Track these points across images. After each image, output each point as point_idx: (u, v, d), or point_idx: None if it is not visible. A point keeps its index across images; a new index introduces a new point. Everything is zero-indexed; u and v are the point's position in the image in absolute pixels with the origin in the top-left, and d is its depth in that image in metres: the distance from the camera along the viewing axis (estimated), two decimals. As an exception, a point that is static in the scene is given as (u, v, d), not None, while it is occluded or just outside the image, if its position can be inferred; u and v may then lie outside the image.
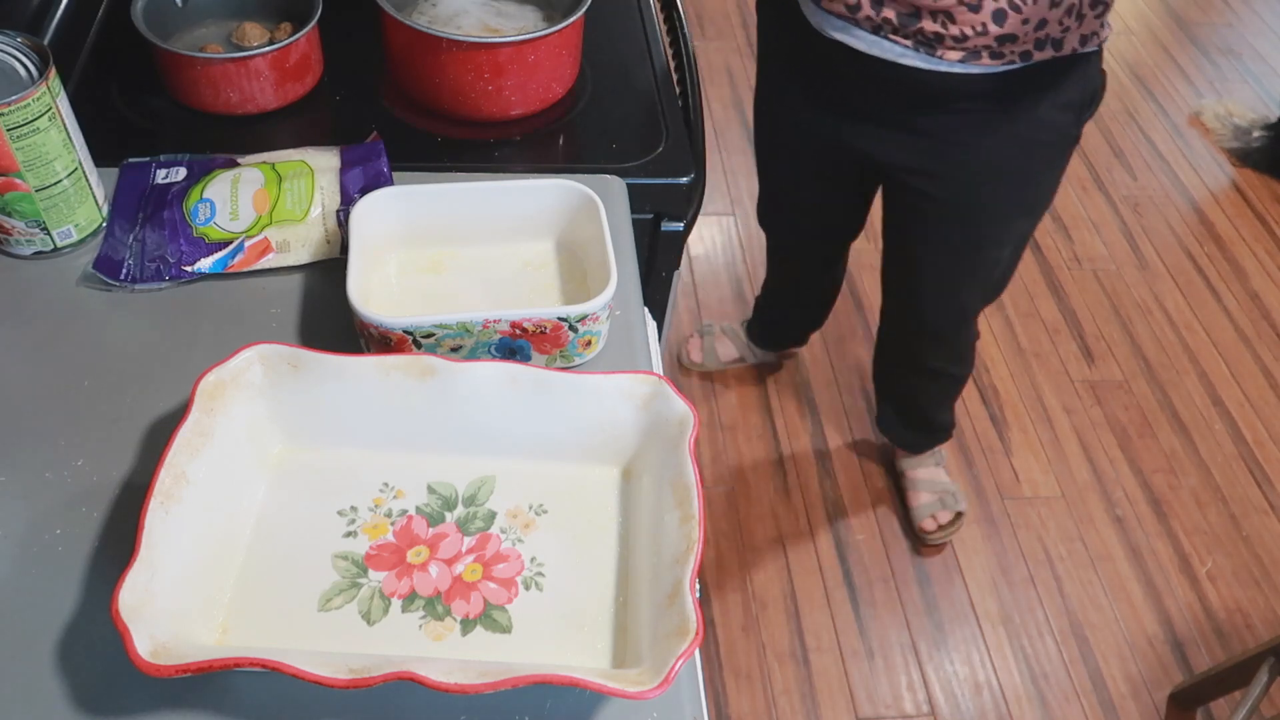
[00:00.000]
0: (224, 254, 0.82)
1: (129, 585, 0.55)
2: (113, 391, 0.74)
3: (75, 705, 0.59)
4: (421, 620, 0.63)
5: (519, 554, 0.67)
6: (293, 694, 0.59)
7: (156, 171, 0.89)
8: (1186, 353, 2.17)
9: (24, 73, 0.77)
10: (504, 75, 0.98)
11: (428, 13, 1.05)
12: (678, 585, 0.58)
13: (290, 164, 0.87)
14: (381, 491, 0.69)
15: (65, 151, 0.79)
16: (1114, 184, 2.56)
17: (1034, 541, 1.82)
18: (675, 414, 0.67)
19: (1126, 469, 1.94)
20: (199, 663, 0.53)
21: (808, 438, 1.94)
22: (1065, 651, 1.68)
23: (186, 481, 0.62)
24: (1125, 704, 1.62)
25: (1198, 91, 2.88)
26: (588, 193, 0.81)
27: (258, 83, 0.98)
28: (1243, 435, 2.02)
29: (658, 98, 1.08)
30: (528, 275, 0.83)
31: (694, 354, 2.02)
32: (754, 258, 2.26)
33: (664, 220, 1.04)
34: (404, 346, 0.72)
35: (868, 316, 2.15)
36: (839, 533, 1.80)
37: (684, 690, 0.63)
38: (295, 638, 0.61)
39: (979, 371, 2.08)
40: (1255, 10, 3.23)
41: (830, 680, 1.62)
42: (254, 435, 0.68)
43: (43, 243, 0.82)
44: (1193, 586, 1.78)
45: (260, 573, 0.64)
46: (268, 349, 0.67)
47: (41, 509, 0.67)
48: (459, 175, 0.90)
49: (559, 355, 0.77)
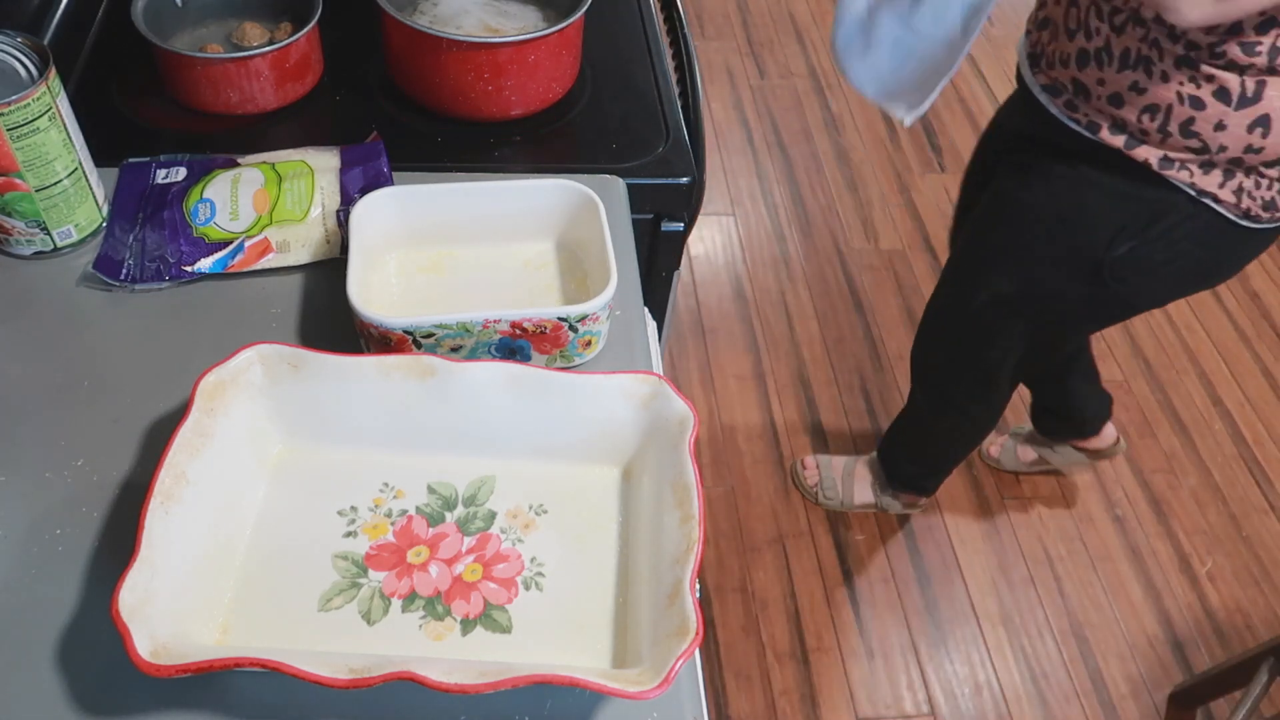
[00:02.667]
0: (224, 254, 0.82)
1: (129, 585, 0.55)
2: (113, 391, 0.74)
3: (75, 705, 0.59)
4: (421, 620, 0.63)
5: (519, 554, 0.67)
6: (293, 694, 0.59)
7: (156, 171, 0.89)
8: (1186, 353, 2.17)
9: (24, 73, 0.77)
10: (504, 75, 0.98)
11: (428, 13, 1.05)
12: (678, 585, 0.58)
13: (290, 164, 0.87)
14: (381, 491, 0.69)
15: (65, 151, 0.79)
16: (1114, 184, 2.56)
17: (1034, 541, 1.82)
18: (675, 414, 0.67)
19: (1126, 469, 1.94)
20: (199, 663, 0.53)
21: (807, 438, 1.93)
22: (1065, 651, 1.68)
23: (186, 481, 0.62)
24: (1125, 704, 1.62)
25: (1198, 91, 2.88)
26: (588, 193, 0.81)
27: (258, 83, 0.98)
28: (1243, 435, 2.02)
29: (658, 98, 1.08)
30: (528, 275, 0.83)
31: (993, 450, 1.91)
32: (754, 258, 2.26)
33: (664, 220, 1.04)
34: (404, 346, 0.72)
35: (868, 316, 2.15)
36: (839, 533, 1.80)
37: (684, 690, 0.63)
38: (295, 638, 0.61)
39: (979, 371, 2.07)
40: (1255, 10, 3.23)
41: (830, 680, 1.62)
42: (254, 435, 0.68)
43: (43, 243, 0.82)
44: (1193, 586, 1.78)
45: (260, 573, 0.64)
46: (268, 349, 0.67)
47: (41, 509, 0.67)
48: (459, 175, 0.90)
49: (559, 355, 0.77)
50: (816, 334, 2.11)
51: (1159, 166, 1.01)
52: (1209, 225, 1.04)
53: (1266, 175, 1.00)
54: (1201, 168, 1.00)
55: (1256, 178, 1.00)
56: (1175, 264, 1.10)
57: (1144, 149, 1.01)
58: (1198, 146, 0.97)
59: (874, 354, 2.09)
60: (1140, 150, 1.01)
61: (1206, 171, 1.00)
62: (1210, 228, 1.04)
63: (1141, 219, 1.06)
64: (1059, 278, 1.17)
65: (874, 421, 1.97)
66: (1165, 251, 1.08)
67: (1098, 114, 1.02)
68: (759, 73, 2.76)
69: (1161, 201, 1.04)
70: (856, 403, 1.99)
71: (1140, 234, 1.07)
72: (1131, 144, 1.01)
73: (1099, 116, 1.02)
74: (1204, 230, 1.05)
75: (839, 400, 2.00)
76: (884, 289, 2.22)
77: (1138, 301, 1.21)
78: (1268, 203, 1.02)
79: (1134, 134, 1.00)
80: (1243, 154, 0.97)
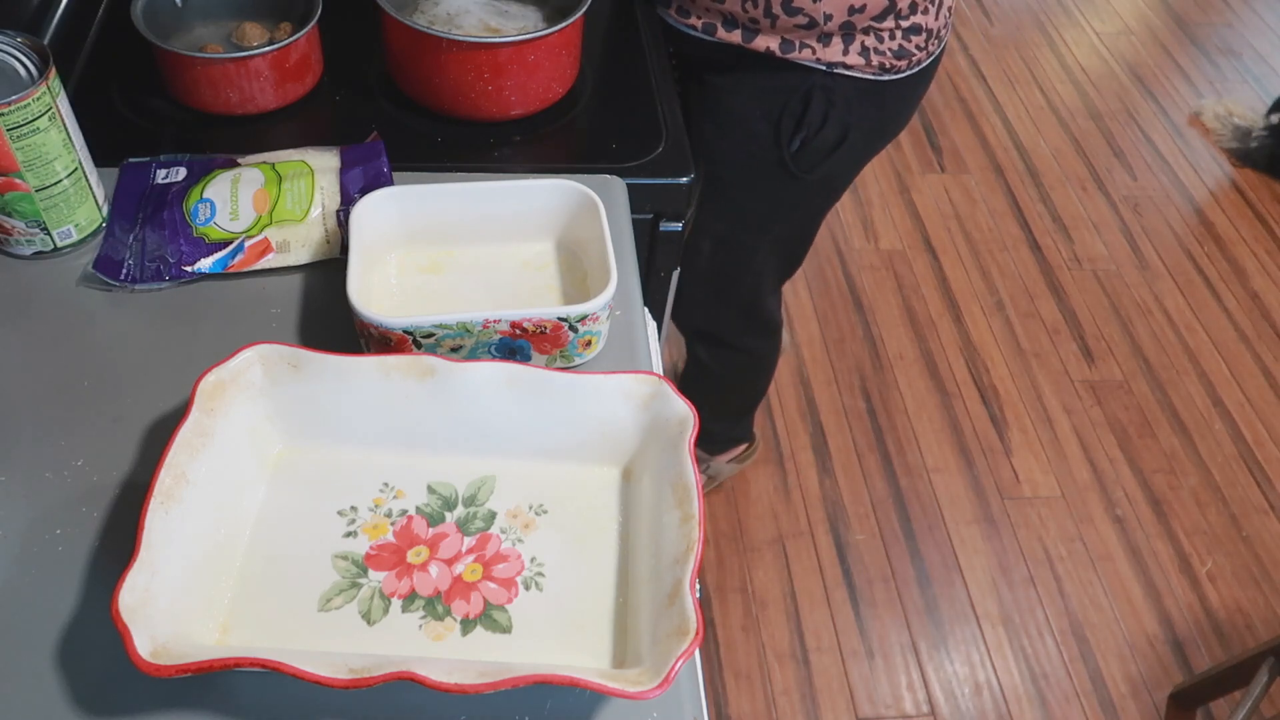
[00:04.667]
0: (224, 254, 0.82)
1: (129, 585, 0.55)
2: (113, 391, 0.74)
3: (75, 705, 0.59)
4: (421, 620, 0.63)
5: (519, 554, 0.67)
6: (293, 694, 0.59)
7: (156, 171, 0.89)
8: (1186, 353, 2.17)
9: (24, 73, 0.77)
10: (504, 75, 0.98)
11: (428, 12, 1.05)
12: (678, 585, 0.58)
13: (290, 164, 0.87)
14: (381, 491, 0.69)
15: (65, 151, 0.79)
16: (1114, 184, 2.56)
17: (1034, 541, 1.82)
18: (675, 414, 0.67)
19: (1126, 469, 1.94)
20: (199, 663, 0.53)
21: (808, 438, 1.94)
22: (1065, 651, 1.68)
23: (186, 481, 0.62)
24: (1125, 704, 1.62)
25: (1198, 91, 2.88)
26: (588, 193, 0.81)
27: (258, 83, 0.98)
28: (1243, 435, 2.02)
29: (658, 98, 1.08)
30: (528, 275, 0.83)
31: None
32: (754, 258, 2.26)
33: (664, 220, 1.04)
34: (404, 346, 0.72)
35: (867, 316, 2.15)
36: (839, 533, 1.80)
37: (684, 690, 0.63)
38: (295, 638, 0.61)
39: (979, 371, 2.08)
40: (1255, 10, 3.23)
41: (830, 680, 1.62)
42: (254, 435, 0.68)
43: (43, 243, 0.82)
44: (1193, 586, 1.78)
45: (260, 573, 0.64)
46: (268, 349, 0.67)
47: (41, 509, 0.67)
48: (459, 175, 0.90)
49: (559, 355, 0.77)
50: (816, 334, 2.11)
51: (782, 51, 1.01)
52: (856, 92, 1.06)
53: (883, 29, 1.01)
54: (819, 41, 1.01)
55: (875, 35, 1.01)
56: (848, 138, 1.11)
57: (761, 38, 1.01)
58: (806, 22, 0.98)
59: (874, 354, 2.09)
60: (759, 41, 1.01)
61: (826, 44, 1.01)
62: (858, 94, 1.06)
63: (794, 108, 1.07)
64: (756, 194, 1.18)
65: (874, 421, 1.97)
66: (834, 132, 1.09)
67: (707, 13, 1.02)
68: (759, 73, 2.76)
69: (801, 85, 1.05)
70: (856, 403, 1.99)
71: (800, 124, 1.07)
72: (749, 36, 1.01)
73: (709, 16, 1.02)
74: (854, 99, 1.06)
75: (839, 400, 2.00)
76: (884, 289, 2.22)
77: (837, 182, 1.23)
78: (897, 52, 1.03)
79: (746, 25, 1.01)
80: (850, 17, 0.98)
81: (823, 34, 1.00)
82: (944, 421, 1.99)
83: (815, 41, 1.00)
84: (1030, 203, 2.49)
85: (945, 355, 2.10)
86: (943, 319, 2.17)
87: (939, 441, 1.95)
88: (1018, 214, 2.45)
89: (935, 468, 1.91)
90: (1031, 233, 2.41)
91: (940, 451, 1.94)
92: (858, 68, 1.03)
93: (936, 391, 2.03)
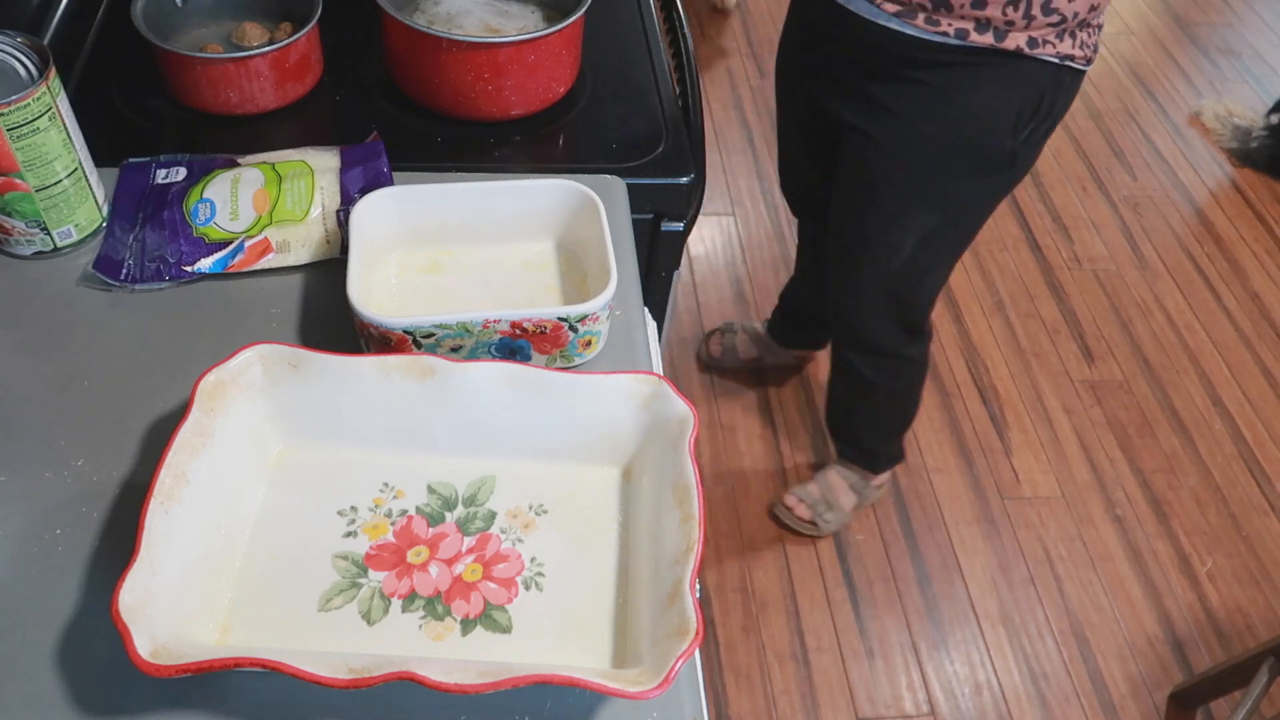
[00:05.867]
0: (224, 254, 0.82)
1: (129, 585, 0.55)
2: (113, 391, 0.74)
3: (75, 705, 0.59)
4: (421, 620, 0.63)
5: (519, 554, 0.67)
6: (293, 694, 0.59)
7: (156, 171, 0.89)
8: (1186, 353, 2.17)
9: (24, 73, 0.77)
10: (504, 75, 0.98)
11: (428, 12, 1.05)
12: (678, 585, 0.58)
13: (290, 164, 0.87)
14: (381, 491, 0.69)
15: (65, 151, 0.79)
16: (1114, 184, 2.56)
17: (1034, 541, 1.82)
18: (675, 414, 0.67)
19: (1126, 469, 1.94)
20: (199, 663, 0.53)
21: (808, 438, 1.94)
22: (1065, 651, 1.68)
23: (186, 481, 0.62)
24: (1125, 704, 1.62)
25: (1198, 91, 2.88)
26: (588, 193, 0.81)
27: (258, 83, 0.98)
28: (1243, 435, 2.02)
29: (658, 98, 1.08)
30: (528, 275, 0.83)
31: (714, 349, 2.02)
32: (754, 258, 2.26)
33: (664, 220, 1.04)
34: (404, 346, 0.72)
35: (868, 316, 2.15)
36: (839, 533, 1.80)
37: (684, 690, 0.63)
38: (295, 638, 0.61)
39: (979, 371, 2.08)
40: (1255, 10, 3.23)
41: (830, 680, 1.62)
42: (254, 435, 0.68)
43: (43, 243, 0.82)
44: (1193, 586, 1.78)
45: (260, 573, 0.64)
46: (268, 349, 0.67)
47: (41, 509, 0.67)
48: (459, 175, 0.90)
49: (559, 355, 0.77)
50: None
51: (1028, 48, 1.08)
52: (1072, 82, 1.16)
53: (1094, 24, 1.12)
54: (1058, 37, 1.09)
55: (1087, 30, 1.11)
56: (1055, 126, 1.22)
57: (1011, 37, 1.08)
58: (1057, 20, 1.06)
59: (874, 354, 2.08)
60: (1009, 40, 1.08)
61: (1061, 39, 1.09)
62: (1073, 84, 1.16)
63: (1031, 100, 1.14)
64: (974, 185, 1.25)
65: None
66: (1050, 121, 1.19)
67: (961, 20, 1.07)
68: (759, 72, 2.76)
69: (1037, 77, 1.12)
70: (856, 403, 1.99)
71: (1034, 114, 1.16)
72: (999, 36, 1.07)
73: (964, 23, 1.07)
74: (1070, 88, 1.17)
75: (839, 400, 2.00)
76: (884, 289, 2.22)
77: (1023, 173, 1.29)
78: (1094, 46, 1.15)
79: (999, 28, 1.07)
80: (1087, 14, 1.08)
81: (1062, 31, 1.09)
82: (944, 421, 1.99)
83: (1054, 37, 1.09)
84: (1030, 202, 2.49)
85: (945, 355, 2.10)
86: (943, 319, 2.17)
87: (939, 441, 1.95)
88: (1018, 214, 2.45)
89: (935, 468, 1.91)
90: (1031, 233, 2.41)
91: (940, 451, 1.94)
92: (1078, 60, 1.12)
93: (936, 391, 2.03)
